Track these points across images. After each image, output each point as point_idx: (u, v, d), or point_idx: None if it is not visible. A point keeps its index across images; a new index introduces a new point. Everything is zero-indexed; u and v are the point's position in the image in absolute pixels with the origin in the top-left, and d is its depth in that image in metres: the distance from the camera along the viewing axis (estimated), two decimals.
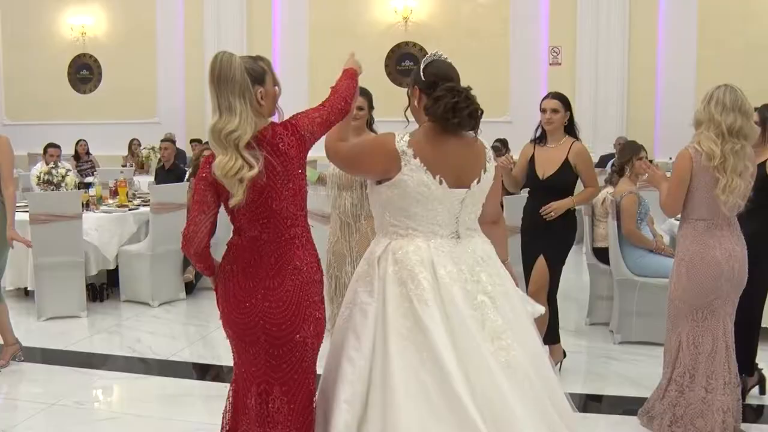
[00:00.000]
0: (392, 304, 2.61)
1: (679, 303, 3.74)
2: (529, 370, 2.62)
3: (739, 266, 3.68)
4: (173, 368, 5.00)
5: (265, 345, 2.53)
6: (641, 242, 5.40)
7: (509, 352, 2.60)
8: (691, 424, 3.67)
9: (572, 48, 11.14)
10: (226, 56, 2.43)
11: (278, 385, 2.54)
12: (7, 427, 4.07)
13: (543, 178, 4.49)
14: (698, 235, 3.67)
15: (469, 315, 2.61)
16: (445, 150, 2.70)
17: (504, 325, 2.64)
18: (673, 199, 3.72)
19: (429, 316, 2.55)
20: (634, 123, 10.97)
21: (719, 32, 10.51)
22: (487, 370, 2.53)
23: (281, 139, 2.47)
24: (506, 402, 2.49)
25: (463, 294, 2.64)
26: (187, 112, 12.53)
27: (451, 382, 2.46)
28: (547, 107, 4.50)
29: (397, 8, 11.69)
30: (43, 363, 5.14)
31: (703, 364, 3.71)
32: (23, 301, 6.65)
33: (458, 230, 2.77)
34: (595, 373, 4.94)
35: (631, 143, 5.83)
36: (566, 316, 6.18)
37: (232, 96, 2.40)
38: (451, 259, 2.69)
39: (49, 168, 7.08)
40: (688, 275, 3.68)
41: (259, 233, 2.52)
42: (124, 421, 4.13)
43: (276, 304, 2.50)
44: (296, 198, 2.53)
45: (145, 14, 12.86)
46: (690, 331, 3.72)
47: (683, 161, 3.65)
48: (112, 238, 6.57)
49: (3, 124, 13.82)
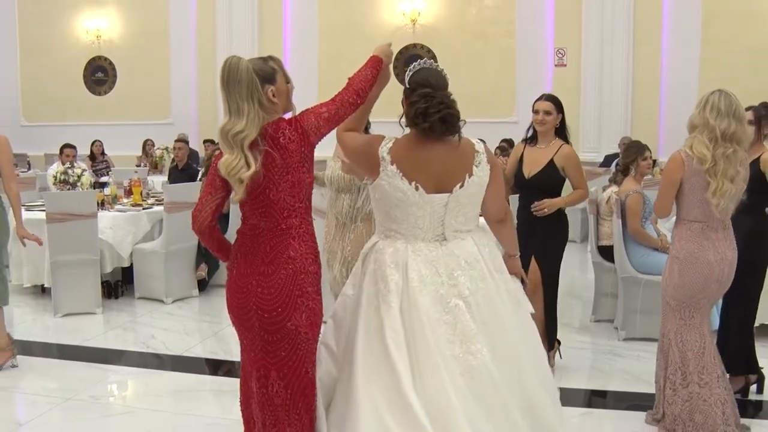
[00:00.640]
0: (365, 300, 2.72)
1: (669, 299, 3.75)
2: (495, 374, 2.65)
3: (728, 270, 3.69)
4: (186, 364, 5.01)
5: (260, 331, 2.58)
6: (646, 241, 5.38)
7: (476, 356, 2.64)
8: (690, 421, 3.66)
9: (577, 49, 11.10)
10: (233, 60, 2.51)
11: (275, 371, 2.59)
12: (24, 420, 4.09)
13: (528, 177, 4.50)
14: (693, 236, 3.66)
15: (435, 319, 2.65)
16: (425, 156, 2.71)
17: (476, 329, 2.68)
18: (662, 201, 3.74)
19: (389, 318, 2.63)
20: (639, 123, 10.92)
21: (722, 34, 10.45)
22: (438, 373, 2.58)
23: (282, 134, 2.52)
24: (451, 404, 2.53)
25: (433, 298, 2.68)
26: (200, 113, 12.54)
27: (400, 381, 2.53)
28: (540, 108, 4.49)
29: (405, 11, 11.68)
30: (59, 358, 5.16)
31: (692, 360, 3.70)
32: (40, 297, 6.69)
33: (444, 233, 2.80)
34: (599, 370, 4.93)
35: (636, 143, 5.80)
36: (571, 313, 6.20)
37: (240, 98, 2.48)
38: (428, 263, 2.73)
39: (66, 168, 7.11)
40: (680, 273, 3.68)
41: (258, 221, 2.59)
42: (139, 415, 4.14)
43: (268, 291, 2.54)
44: (294, 189, 2.56)
45: (158, 17, 12.88)
46: (678, 330, 3.73)
47: (674, 164, 3.66)
48: (126, 236, 6.59)
49: (21, 125, 13.87)
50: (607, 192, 5.81)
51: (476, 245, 2.83)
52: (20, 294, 6.84)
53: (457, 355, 2.63)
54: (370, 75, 2.74)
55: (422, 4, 11.67)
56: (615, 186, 5.75)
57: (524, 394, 2.74)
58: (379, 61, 2.81)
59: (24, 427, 3.98)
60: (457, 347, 2.64)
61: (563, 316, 6.01)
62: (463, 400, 2.57)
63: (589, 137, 11.16)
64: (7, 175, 4.76)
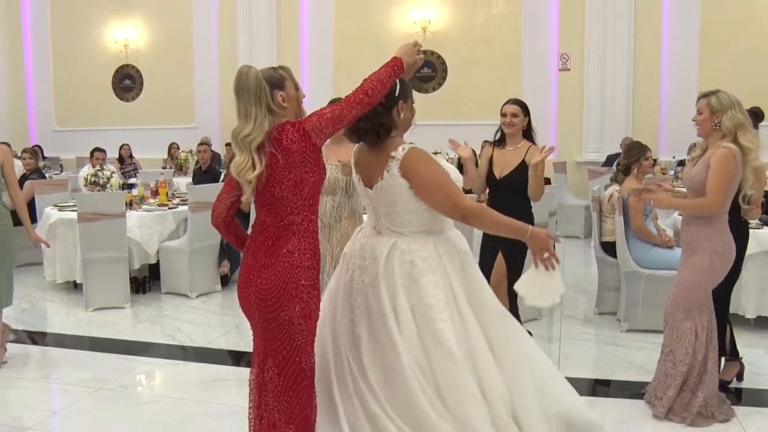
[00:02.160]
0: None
1: (700, 291, 3.72)
2: (366, 360, 2.78)
3: None
4: (210, 355, 5.03)
5: (259, 319, 2.60)
6: (648, 237, 5.34)
7: (361, 341, 2.80)
8: (715, 406, 3.74)
9: (580, 54, 11.04)
10: (244, 69, 2.55)
11: (271, 357, 2.59)
12: (58, 409, 4.12)
13: (499, 177, 4.47)
14: (726, 228, 3.69)
15: (341, 299, 2.91)
16: (364, 154, 2.90)
17: (361, 316, 2.82)
18: (725, 197, 3.63)
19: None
20: (640, 124, 10.86)
21: (720, 37, 10.37)
22: (322, 348, 2.84)
23: (285, 136, 2.53)
24: (323, 375, 2.81)
25: (346, 279, 2.92)
26: (222, 118, 12.56)
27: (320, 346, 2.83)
28: (508, 111, 4.48)
29: (416, 19, 11.65)
30: (91, 350, 5.19)
31: (712, 350, 3.75)
32: (72, 293, 6.73)
33: (378, 226, 2.91)
34: (603, 360, 4.90)
35: (637, 144, 5.76)
36: (576, 306, 6.18)
37: (249, 104, 2.52)
38: (359, 247, 2.93)
39: (96, 170, 7.16)
40: (722, 265, 3.69)
41: (265, 217, 2.62)
42: (165, 403, 4.16)
43: (265, 281, 2.55)
44: (297, 188, 2.56)
45: (182, 28, 12.92)
46: (708, 320, 3.75)
47: (733, 162, 3.57)
48: (153, 234, 6.62)
49: (53, 130, 13.98)
50: (609, 190, 5.77)
51: (390, 248, 2.81)
52: (54, 290, 6.90)
53: (346, 340, 2.86)
54: (383, 75, 2.67)
55: (432, 13, 11.64)
56: (617, 185, 5.70)
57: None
58: (399, 62, 2.73)
59: (58, 415, 4.02)
60: (348, 333, 2.87)
61: (569, 309, 6.02)
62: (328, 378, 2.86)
63: (592, 138, 11.10)
64: (11, 182, 4.71)
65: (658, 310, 4.21)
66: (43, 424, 3.84)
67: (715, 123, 3.66)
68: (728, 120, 3.62)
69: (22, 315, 6.12)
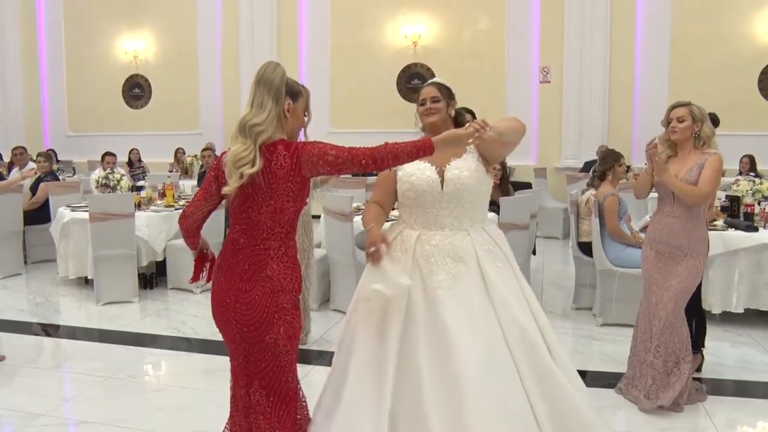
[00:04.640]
0: None
1: (693, 291, 3.76)
2: None
3: None
4: (213, 346, 5.01)
5: (241, 342, 2.39)
6: (623, 238, 5.36)
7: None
8: (691, 394, 3.80)
9: (560, 68, 11.07)
10: (272, 64, 2.36)
11: (257, 379, 2.40)
12: (69, 396, 4.10)
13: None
14: (707, 231, 3.80)
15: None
16: None
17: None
18: (713, 193, 3.77)
19: None
20: (614, 132, 10.90)
21: (689, 53, 10.44)
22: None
23: (276, 158, 2.26)
24: None
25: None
26: (225, 124, 12.52)
27: None
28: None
29: (407, 34, 11.65)
30: (101, 342, 5.17)
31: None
32: (84, 288, 6.70)
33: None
34: (579, 352, 4.92)
35: (612, 151, 5.79)
36: (554, 303, 6.19)
37: (267, 96, 2.30)
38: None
39: (107, 173, 7.12)
40: (704, 265, 3.77)
41: (239, 237, 2.38)
42: (171, 392, 4.15)
43: (245, 306, 2.33)
44: (276, 216, 2.31)
45: (188, 40, 12.87)
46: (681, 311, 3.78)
47: (721, 164, 3.67)
48: (160, 233, 6.60)
49: (67, 135, 13.90)
50: (586, 195, 5.79)
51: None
52: (66, 285, 6.87)
53: None
54: (403, 153, 2.28)
55: (422, 28, 11.65)
56: (593, 189, 5.73)
57: None
58: (429, 147, 2.31)
59: (69, 402, 4.00)
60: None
61: (548, 305, 6.03)
62: None
63: (570, 145, 11.14)
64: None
65: (631, 306, 4.23)
66: (56, 411, 3.82)
67: (696, 131, 3.72)
68: (707, 128, 3.72)
69: (36, 309, 6.10)
